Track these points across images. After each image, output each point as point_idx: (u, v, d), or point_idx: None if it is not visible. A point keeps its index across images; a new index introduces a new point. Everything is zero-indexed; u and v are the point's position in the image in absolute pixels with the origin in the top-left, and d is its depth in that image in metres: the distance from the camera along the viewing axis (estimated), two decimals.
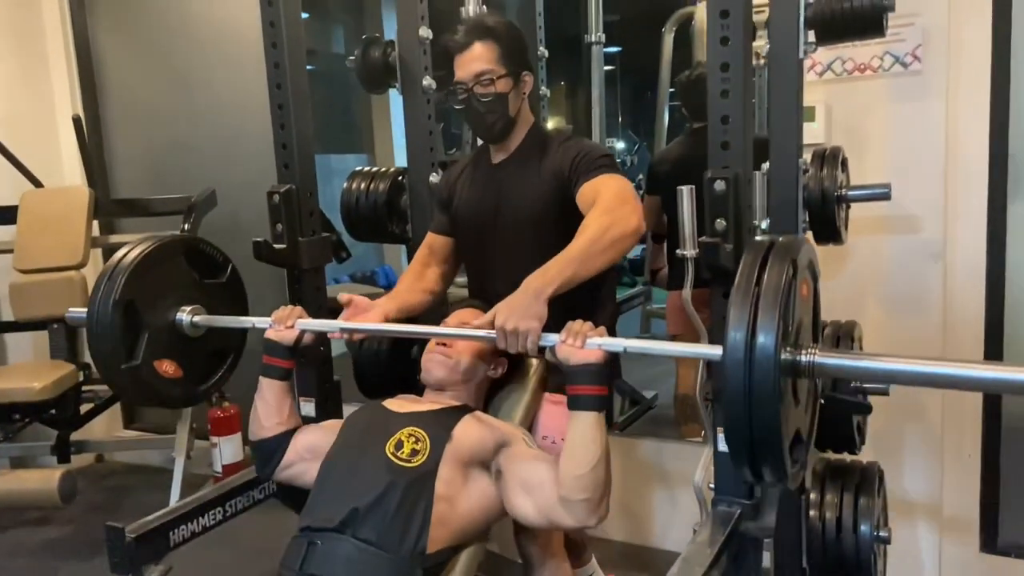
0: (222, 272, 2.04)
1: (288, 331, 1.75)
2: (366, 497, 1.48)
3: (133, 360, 1.80)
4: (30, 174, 3.39)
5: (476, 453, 1.57)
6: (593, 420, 1.46)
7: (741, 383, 1.17)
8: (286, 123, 2.03)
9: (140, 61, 3.91)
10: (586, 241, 1.61)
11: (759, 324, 1.18)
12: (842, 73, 2.26)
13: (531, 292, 1.53)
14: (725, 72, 1.53)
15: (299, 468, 1.74)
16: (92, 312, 1.77)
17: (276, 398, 1.76)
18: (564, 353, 1.47)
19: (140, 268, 1.81)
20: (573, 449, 1.47)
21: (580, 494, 1.45)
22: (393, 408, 1.68)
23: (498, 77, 1.82)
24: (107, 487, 3.82)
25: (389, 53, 2.45)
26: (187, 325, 1.90)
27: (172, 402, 1.94)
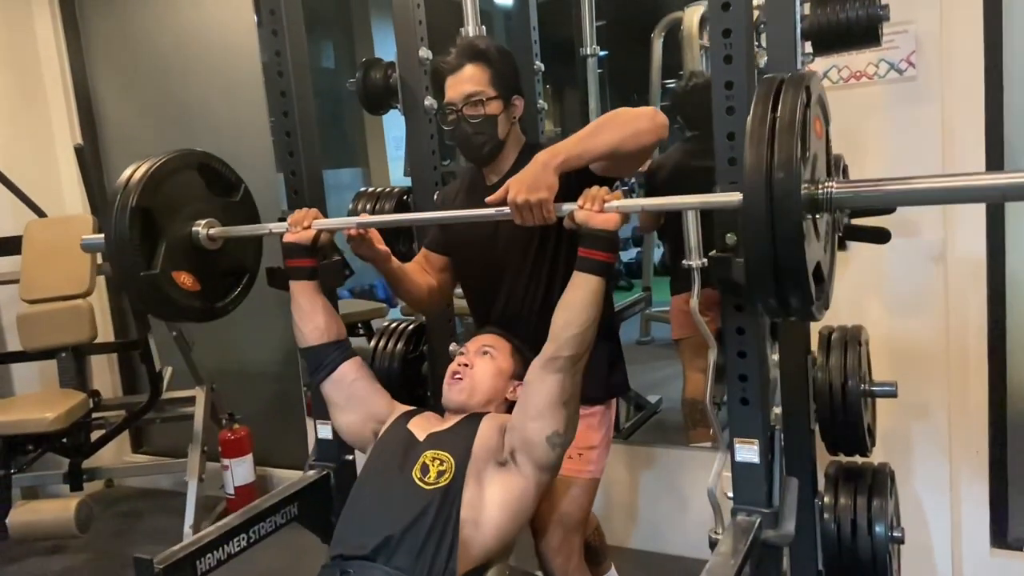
0: (235, 191, 2.06)
1: (305, 232, 1.80)
2: (398, 524, 1.50)
3: (152, 269, 1.81)
4: (33, 204, 3.40)
5: (491, 452, 1.61)
6: (596, 284, 1.55)
7: (764, 222, 1.23)
8: (294, 150, 2.05)
9: (137, 89, 3.94)
10: (597, 121, 1.65)
11: (778, 158, 1.23)
12: (838, 81, 2.30)
13: (539, 163, 1.57)
14: (729, 90, 1.55)
15: (338, 398, 1.81)
16: (110, 222, 1.79)
17: (308, 300, 1.81)
18: (583, 217, 1.53)
19: (156, 177, 1.83)
20: (572, 308, 1.55)
21: (567, 350, 1.54)
22: (416, 432, 1.70)
23: (488, 99, 1.82)
24: (119, 513, 3.84)
25: (390, 75, 2.48)
26: (203, 237, 1.91)
27: (191, 314, 1.94)
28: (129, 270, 1.82)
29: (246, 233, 1.99)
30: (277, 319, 3.29)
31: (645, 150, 1.70)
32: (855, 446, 2.01)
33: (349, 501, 1.64)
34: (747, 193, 1.27)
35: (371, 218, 1.82)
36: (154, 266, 1.83)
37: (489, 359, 1.78)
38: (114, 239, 1.80)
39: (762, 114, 1.29)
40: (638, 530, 2.97)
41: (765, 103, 1.30)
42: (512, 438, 1.60)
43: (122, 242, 1.79)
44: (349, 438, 1.86)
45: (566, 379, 1.55)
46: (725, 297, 1.64)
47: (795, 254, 1.25)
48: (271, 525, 1.94)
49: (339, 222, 1.87)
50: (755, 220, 1.25)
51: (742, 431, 1.66)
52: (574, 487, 1.88)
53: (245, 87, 3.61)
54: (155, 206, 1.84)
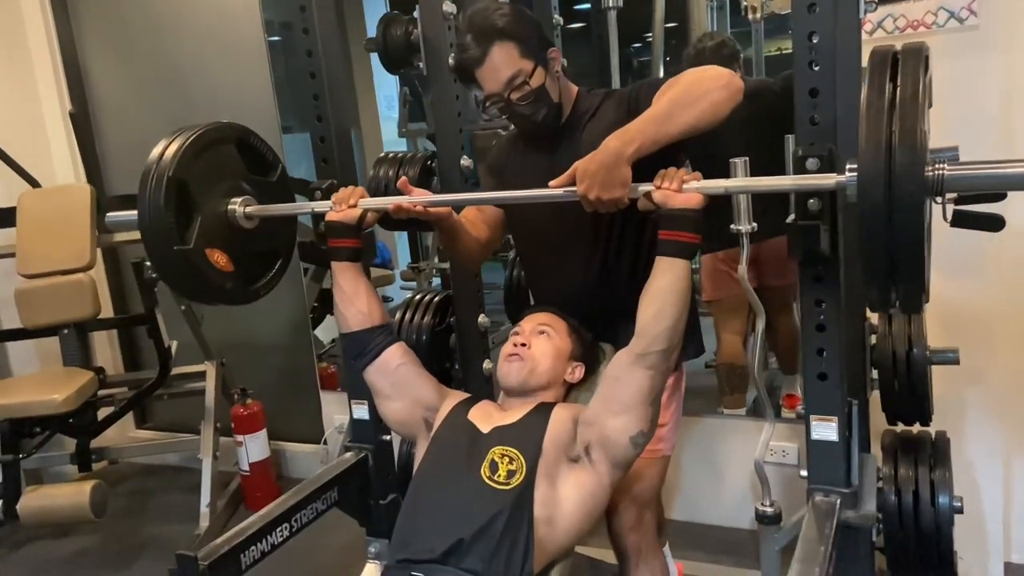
0: (272, 171, 1.94)
1: (351, 210, 1.68)
2: (469, 527, 1.41)
3: (185, 243, 1.71)
4: (27, 174, 3.23)
5: (563, 448, 1.51)
6: (684, 268, 1.43)
7: (880, 202, 1.12)
8: (323, 114, 1.92)
9: (128, 52, 3.74)
10: (670, 96, 1.50)
11: (901, 136, 1.12)
12: (894, 31, 2.17)
13: (612, 154, 1.44)
14: (812, 41, 1.44)
15: (383, 386, 1.71)
16: (144, 192, 1.68)
17: (350, 282, 1.70)
18: (662, 197, 1.42)
19: (192, 149, 1.72)
20: (660, 296, 1.43)
21: (660, 344, 1.43)
22: (479, 424, 1.59)
23: (530, 74, 1.67)
24: (127, 491, 3.74)
25: (411, 31, 2.33)
26: (240, 215, 1.80)
27: (223, 295, 1.83)
28: (163, 244, 1.70)
29: (286, 212, 1.87)
30: (287, 291, 3.16)
31: (720, 121, 1.55)
32: (919, 415, 1.94)
33: (411, 500, 1.54)
34: (863, 174, 1.15)
35: (420, 197, 1.68)
36: (187, 241, 1.71)
37: (547, 339, 1.68)
38: (148, 211, 1.68)
39: (879, 86, 1.16)
40: (675, 501, 2.91)
41: (882, 74, 1.18)
42: (588, 433, 1.50)
43: (156, 214, 1.67)
44: (398, 427, 1.75)
45: (657, 376, 1.45)
46: (804, 267, 1.54)
47: (916, 244, 1.15)
48: (312, 512, 1.86)
49: (386, 201, 1.73)
50: (871, 204, 1.14)
51: (820, 407, 1.57)
52: (647, 467, 1.79)
53: (244, 47, 3.43)
54: (191, 179, 1.72)
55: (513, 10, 1.71)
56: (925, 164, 1.14)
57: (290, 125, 3.50)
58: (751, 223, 1.95)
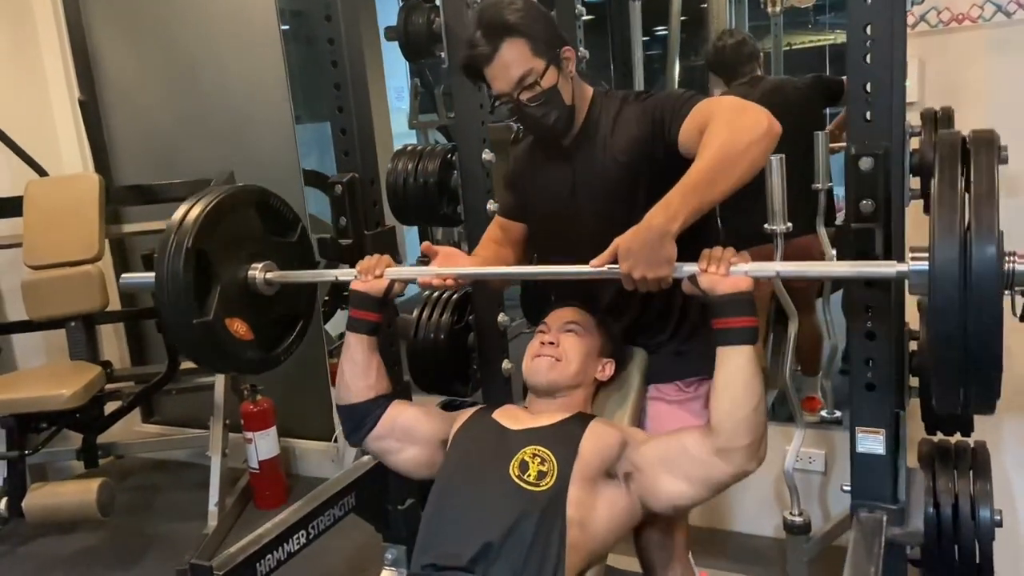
0: (292, 231, 1.87)
1: (377, 281, 1.61)
2: (497, 530, 1.34)
3: (204, 315, 1.63)
4: (34, 162, 3.16)
5: (603, 463, 1.44)
6: (749, 354, 1.34)
7: (955, 299, 1.06)
8: (345, 105, 1.84)
9: (140, 38, 3.65)
10: (709, 159, 1.36)
11: (978, 229, 1.05)
12: (937, 24, 2.09)
13: (655, 231, 1.33)
14: (867, 32, 1.36)
15: (389, 445, 1.64)
16: (162, 262, 1.61)
17: (364, 356, 1.63)
18: (708, 283, 1.34)
19: (212, 217, 1.65)
20: (731, 389, 1.35)
21: (743, 439, 1.34)
22: (507, 424, 1.53)
23: (541, 74, 1.56)
24: (133, 487, 3.67)
25: (433, 19, 2.27)
26: (260, 282, 1.73)
27: (244, 365, 1.79)
28: (181, 316, 1.63)
29: (307, 280, 1.80)
30: None
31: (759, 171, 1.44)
32: (960, 425, 1.86)
33: (435, 501, 1.47)
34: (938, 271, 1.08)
35: (450, 270, 1.60)
36: (207, 311, 1.64)
37: (576, 337, 1.61)
38: (167, 282, 1.61)
39: (951, 181, 1.10)
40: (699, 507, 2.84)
41: (952, 167, 1.11)
42: (639, 478, 1.44)
43: (175, 286, 1.60)
44: (420, 471, 1.65)
45: (736, 476, 1.37)
46: None
47: (993, 344, 1.07)
48: (330, 519, 1.80)
49: (414, 272, 1.66)
50: (945, 302, 1.07)
51: (867, 419, 1.50)
52: None
53: (258, 35, 3.34)
54: (210, 248, 1.65)
55: (526, 5, 1.60)
56: (1004, 260, 1.07)
57: (300, 115, 3.43)
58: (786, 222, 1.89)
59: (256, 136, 3.43)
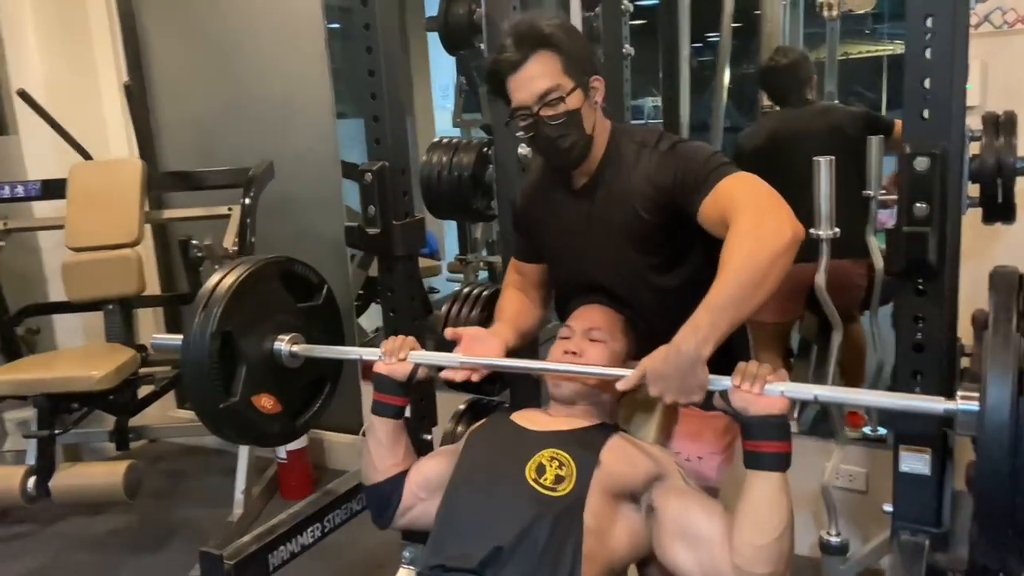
0: (317, 294, 1.84)
1: (401, 364, 1.54)
2: (509, 533, 1.28)
3: (231, 397, 1.60)
4: (79, 146, 3.19)
5: (627, 483, 1.37)
6: (778, 481, 1.25)
7: (1006, 448, 0.97)
8: (378, 92, 1.80)
9: (187, 27, 3.68)
10: (735, 277, 1.28)
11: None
12: (1002, 25, 1.99)
13: (686, 358, 1.25)
14: (928, 24, 1.28)
15: (417, 511, 1.56)
16: (187, 346, 1.57)
17: (390, 438, 1.57)
18: (741, 402, 1.26)
19: (237, 295, 1.61)
20: (755, 514, 1.26)
21: (761, 567, 1.24)
22: (526, 425, 1.47)
23: (567, 93, 1.47)
24: (163, 471, 3.69)
25: (474, 10, 2.22)
26: (286, 356, 1.68)
27: (271, 440, 1.76)
28: (207, 399, 1.60)
29: (332, 356, 1.75)
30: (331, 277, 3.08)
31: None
32: None
33: (448, 500, 1.42)
34: (987, 433, 1.00)
35: (474, 359, 1.53)
36: (233, 392, 1.61)
37: (602, 347, 1.53)
38: (192, 366, 1.58)
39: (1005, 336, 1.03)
40: None
41: (1007, 320, 1.05)
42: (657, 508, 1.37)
43: (200, 370, 1.57)
44: None
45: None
46: (904, 279, 1.38)
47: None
48: (346, 512, 1.76)
49: (439, 358, 1.58)
50: (993, 467, 0.99)
51: (912, 437, 1.41)
52: None
53: (303, 30, 3.35)
54: (237, 326, 1.61)
55: (564, 22, 1.54)
56: None
57: (345, 111, 3.42)
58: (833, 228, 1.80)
59: (297, 128, 3.43)
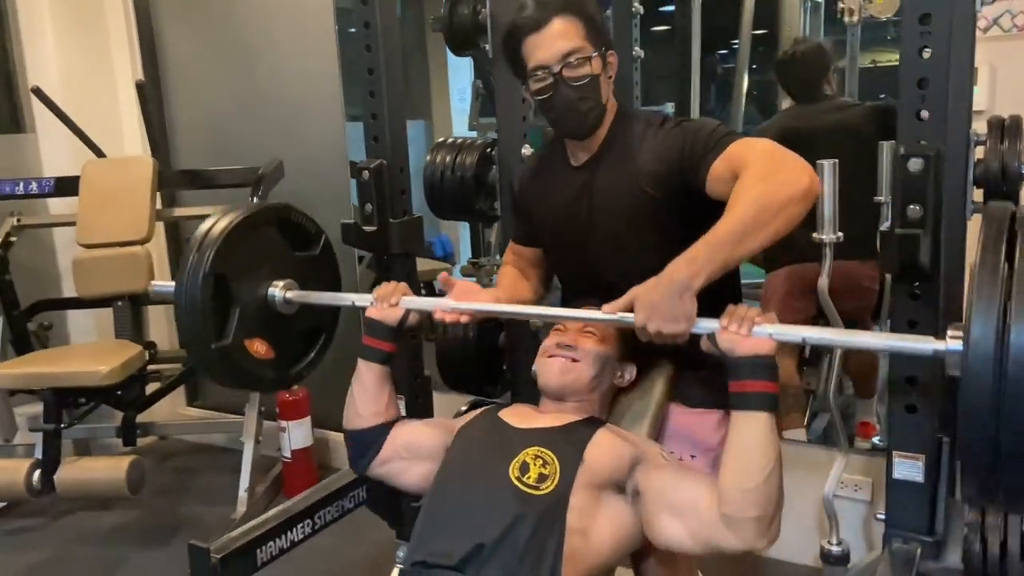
0: (315, 244, 1.86)
1: (392, 310, 1.56)
2: (491, 531, 1.27)
3: (223, 339, 1.62)
4: (91, 143, 3.22)
5: (612, 475, 1.36)
6: (765, 422, 1.24)
7: (989, 385, 0.97)
8: (376, 90, 1.81)
9: (202, 26, 3.71)
10: (741, 213, 1.27)
11: (1019, 315, 0.96)
12: (1011, 29, 1.96)
13: (676, 286, 1.25)
14: (925, 24, 1.26)
15: (396, 466, 1.57)
16: (180, 287, 1.60)
17: (375, 384, 1.58)
18: (728, 342, 1.25)
19: (231, 239, 1.63)
20: (742, 457, 1.25)
21: (750, 511, 1.23)
22: (513, 422, 1.46)
23: (588, 56, 1.47)
24: (171, 468, 3.72)
25: (479, 10, 2.23)
26: (280, 301, 1.71)
27: (263, 385, 1.80)
28: (199, 339, 1.63)
29: (327, 302, 1.77)
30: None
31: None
32: None
33: (432, 496, 1.42)
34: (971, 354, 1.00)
35: (465, 305, 1.53)
36: (226, 335, 1.64)
37: (595, 341, 1.51)
38: (185, 305, 1.61)
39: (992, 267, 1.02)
40: None
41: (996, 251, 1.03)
42: (645, 502, 1.34)
43: (193, 310, 1.59)
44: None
45: (745, 547, 1.25)
46: (899, 283, 1.36)
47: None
48: (338, 510, 1.76)
49: (431, 303, 1.59)
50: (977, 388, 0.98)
51: (905, 443, 1.39)
52: None
53: (315, 30, 3.37)
54: (230, 269, 1.64)
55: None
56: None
57: (358, 114, 3.43)
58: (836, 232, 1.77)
59: (307, 128, 3.44)
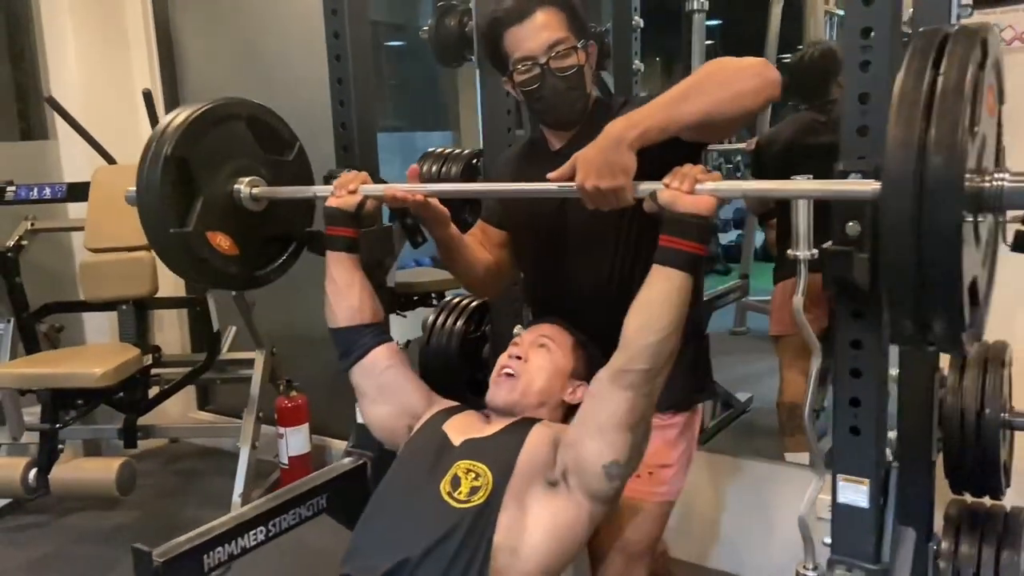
0: (288, 150, 1.85)
1: (350, 196, 1.57)
2: (418, 546, 1.27)
3: (184, 227, 1.62)
4: (102, 149, 3.30)
5: (539, 469, 1.35)
6: (681, 281, 1.25)
7: (909, 219, 0.93)
8: (346, 99, 1.82)
9: (221, 36, 3.80)
10: (689, 80, 1.31)
11: (936, 133, 0.93)
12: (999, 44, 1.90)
13: (611, 139, 1.27)
14: (866, 38, 1.23)
15: (367, 389, 1.60)
16: (142, 170, 1.61)
17: (344, 275, 1.59)
18: (669, 198, 1.24)
19: (196, 126, 1.64)
20: (649, 309, 1.26)
21: (642, 362, 1.25)
22: (452, 434, 1.45)
23: (572, 46, 1.50)
24: (177, 471, 3.78)
25: (466, 22, 2.24)
26: (245, 197, 1.71)
27: (226, 280, 1.78)
28: (158, 226, 1.63)
29: (290, 195, 1.78)
30: None
31: (747, 114, 1.37)
32: (987, 486, 1.67)
33: (367, 509, 1.42)
34: (889, 178, 0.96)
35: (419, 186, 1.57)
36: (187, 223, 1.63)
37: (546, 352, 1.51)
38: (144, 190, 1.61)
39: (918, 72, 0.97)
40: (719, 548, 2.68)
41: (923, 59, 0.98)
42: (566, 456, 1.33)
43: (152, 194, 1.60)
44: (381, 433, 1.63)
45: (637, 398, 1.27)
46: (840, 301, 1.32)
47: (948, 266, 0.94)
48: (295, 517, 1.75)
49: (386, 187, 1.63)
50: (896, 216, 0.95)
51: (850, 467, 1.35)
52: (640, 512, 1.60)
53: None
54: (193, 157, 1.64)
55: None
56: (964, 172, 0.93)
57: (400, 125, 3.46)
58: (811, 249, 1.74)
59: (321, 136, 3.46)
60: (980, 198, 1.01)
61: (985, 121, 1.03)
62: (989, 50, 1.01)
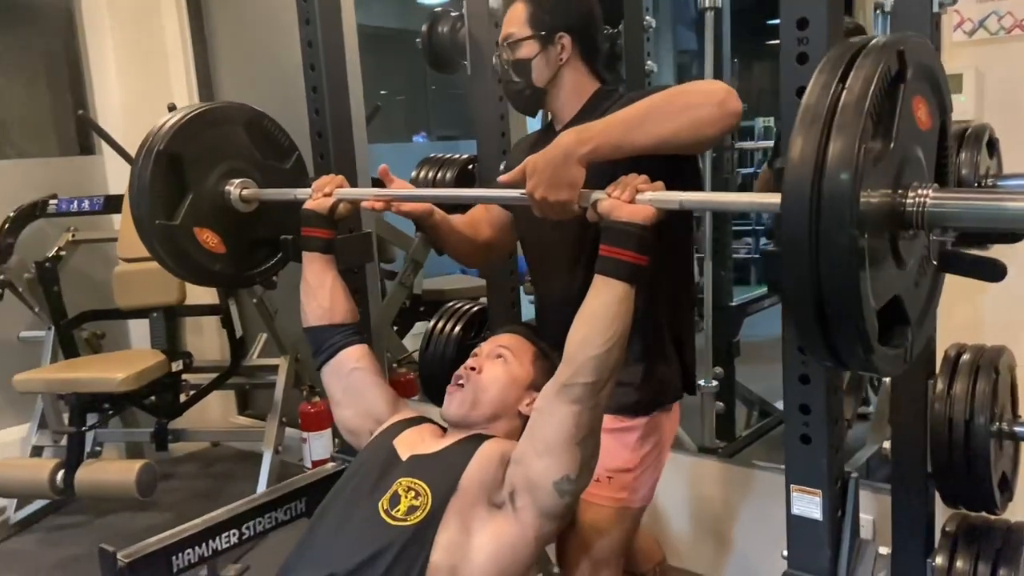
0: (286, 158, 1.91)
1: (324, 199, 1.61)
2: (348, 562, 1.26)
3: (171, 220, 1.69)
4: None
5: (485, 489, 1.32)
6: (622, 292, 1.22)
7: (804, 234, 0.90)
8: (320, 108, 1.84)
9: (256, 54, 3.89)
10: (645, 103, 1.31)
11: (832, 149, 0.89)
12: (999, 32, 1.80)
13: (560, 152, 1.27)
14: (803, 30, 1.18)
15: (334, 390, 1.62)
16: (136, 161, 1.70)
17: (316, 275, 1.63)
18: (607, 207, 1.23)
19: (193, 124, 1.72)
20: (591, 321, 1.23)
21: (587, 375, 1.23)
22: (400, 450, 1.44)
23: (519, 40, 1.58)
24: (214, 473, 3.87)
25: (458, 28, 2.24)
26: (235, 197, 1.78)
27: (210, 277, 1.84)
28: (145, 217, 1.69)
29: (274, 197, 1.81)
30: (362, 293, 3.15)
31: (703, 143, 1.35)
32: (978, 499, 1.58)
33: (311, 523, 1.42)
34: (786, 192, 0.92)
35: (391, 192, 1.61)
36: (175, 217, 1.70)
37: (502, 363, 1.49)
38: (135, 182, 1.69)
39: (824, 85, 0.93)
40: (731, 561, 2.60)
41: (832, 72, 0.94)
42: (515, 474, 1.31)
43: (141, 186, 1.67)
44: (348, 436, 1.64)
45: (583, 412, 1.24)
46: (784, 304, 1.27)
47: (843, 285, 0.90)
48: (271, 521, 1.77)
49: (361, 192, 1.67)
50: (794, 230, 0.91)
51: (801, 477, 1.29)
52: (600, 517, 1.56)
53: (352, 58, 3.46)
54: (186, 155, 1.71)
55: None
56: (860, 189, 0.88)
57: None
58: None
59: None
60: (899, 214, 0.97)
61: (909, 135, 0.99)
62: (910, 61, 0.96)
